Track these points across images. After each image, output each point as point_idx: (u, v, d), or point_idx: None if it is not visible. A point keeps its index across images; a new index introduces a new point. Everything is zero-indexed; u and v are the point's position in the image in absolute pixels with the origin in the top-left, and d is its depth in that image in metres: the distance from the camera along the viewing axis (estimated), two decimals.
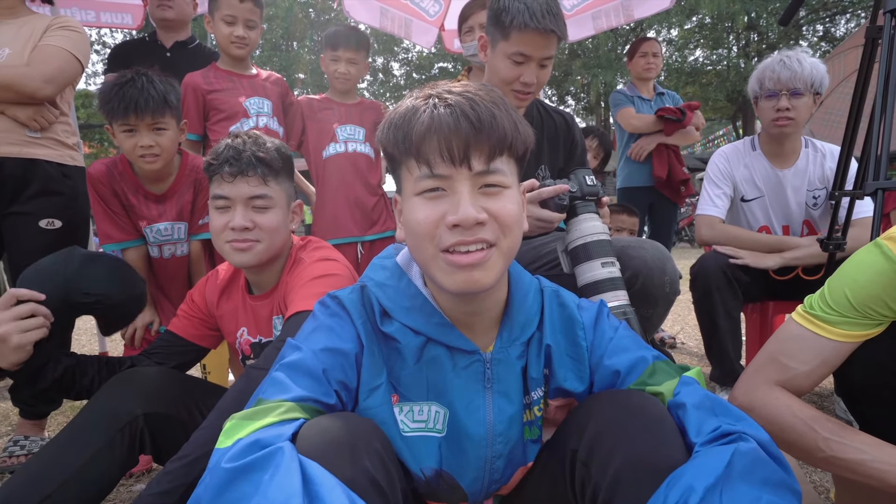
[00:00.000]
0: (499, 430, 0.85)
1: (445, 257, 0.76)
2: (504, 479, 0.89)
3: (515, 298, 0.88)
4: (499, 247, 0.77)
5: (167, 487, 0.98)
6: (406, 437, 0.83)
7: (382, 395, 0.83)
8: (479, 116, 0.75)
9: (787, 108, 1.96)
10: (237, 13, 2.10)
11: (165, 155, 1.70)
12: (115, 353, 3.06)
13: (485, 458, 0.85)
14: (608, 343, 0.89)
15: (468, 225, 0.74)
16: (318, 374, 0.78)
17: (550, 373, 0.89)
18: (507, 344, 0.87)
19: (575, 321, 0.90)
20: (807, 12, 15.70)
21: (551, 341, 0.89)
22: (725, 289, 1.97)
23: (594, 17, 3.38)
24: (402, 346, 0.83)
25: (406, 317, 0.84)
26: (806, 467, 1.61)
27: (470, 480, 0.86)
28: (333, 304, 0.86)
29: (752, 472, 0.65)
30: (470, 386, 0.85)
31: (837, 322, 0.95)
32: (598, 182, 1.34)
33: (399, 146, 0.79)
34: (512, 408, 0.86)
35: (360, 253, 2.34)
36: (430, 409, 0.84)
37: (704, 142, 18.84)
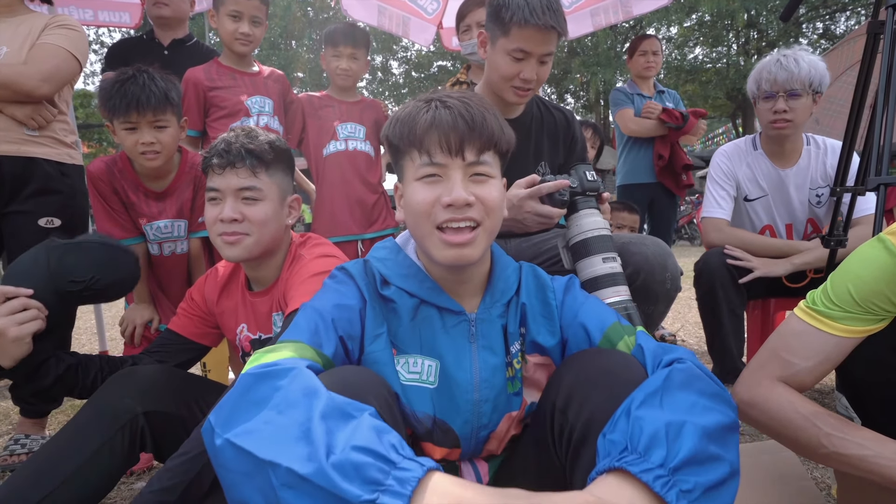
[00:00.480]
0: (484, 377, 0.97)
1: (440, 235, 0.91)
2: (491, 423, 0.99)
3: (496, 269, 1.04)
4: (483, 226, 0.92)
5: (168, 484, 0.98)
6: (404, 385, 0.95)
7: (384, 342, 0.95)
8: (472, 117, 0.91)
9: (785, 110, 1.94)
10: (243, 9, 2.09)
11: (166, 152, 1.70)
12: (115, 352, 3.06)
13: (472, 401, 0.96)
14: (579, 306, 1.02)
15: (459, 205, 0.89)
16: (328, 321, 0.91)
17: (526, 329, 1.02)
18: (490, 305, 1.01)
19: (546, 285, 1.05)
20: (807, 9, 15.68)
21: (526, 301, 1.03)
22: (730, 286, 1.96)
23: (593, 14, 3.37)
24: (398, 307, 0.97)
25: (402, 282, 0.98)
26: (807, 463, 1.61)
27: (460, 423, 0.96)
28: (341, 273, 1.01)
29: (689, 384, 0.76)
30: (458, 341, 0.98)
31: (840, 317, 0.95)
32: (598, 178, 1.34)
33: (404, 139, 0.94)
34: (495, 359, 0.99)
35: (361, 251, 2.34)
36: (423, 361, 0.96)
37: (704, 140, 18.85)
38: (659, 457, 0.66)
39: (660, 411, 0.71)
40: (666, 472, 0.65)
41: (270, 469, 0.62)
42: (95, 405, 1.19)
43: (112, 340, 3.29)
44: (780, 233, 2.16)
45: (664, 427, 0.68)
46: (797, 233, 2.15)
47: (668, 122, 3.09)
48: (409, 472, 0.61)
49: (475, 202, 0.90)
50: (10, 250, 1.80)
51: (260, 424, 0.66)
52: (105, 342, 2.90)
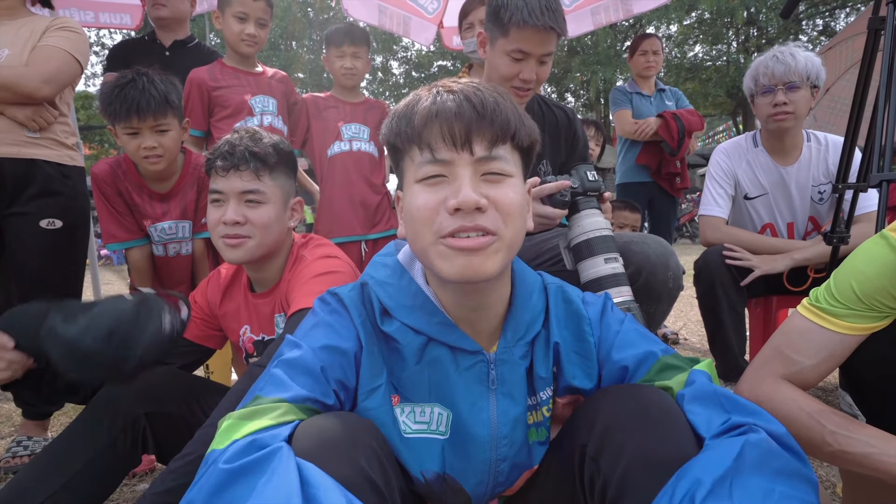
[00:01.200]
0: (503, 433, 0.83)
1: (444, 241, 0.74)
2: (509, 482, 0.88)
3: (519, 296, 0.86)
4: (500, 236, 0.75)
5: (170, 486, 0.98)
6: (407, 439, 0.81)
7: (382, 396, 0.81)
8: (482, 101, 0.75)
9: (785, 102, 1.95)
10: (249, 11, 2.10)
11: (169, 155, 1.70)
12: None
13: (489, 461, 0.84)
14: (614, 337, 0.87)
15: (469, 208, 0.72)
16: (317, 373, 0.77)
17: (559, 371, 0.88)
18: (512, 343, 0.85)
19: (581, 317, 0.89)
20: (806, 6, 15.66)
21: (559, 338, 0.87)
22: (729, 284, 1.96)
23: (593, 13, 3.37)
24: (402, 347, 0.81)
25: (407, 316, 0.82)
26: (812, 462, 1.61)
27: (474, 484, 0.84)
28: (333, 301, 0.85)
29: (764, 463, 0.64)
30: (473, 387, 0.83)
31: (844, 315, 0.94)
32: (599, 177, 1.34)
33: (402, 134, 0.78)
34: (516, 409, 0.84)
35: (364, 251, 2.34)
36: (432, 410, 0.82)
37: (704, 137, 18.84)
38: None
39: (729, 501, 0.60)
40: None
41: None
42: (98, 407, 1.19)
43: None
44: (781, 231, 2.15)
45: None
46: (798, 231, 2.14)
47: (665, 139, 3.10)
48: None
49: (488, 206, 0.73)
50: (11, 252, 1.80)
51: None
52: None
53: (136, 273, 1.86)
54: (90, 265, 2.22)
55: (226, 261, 1.34)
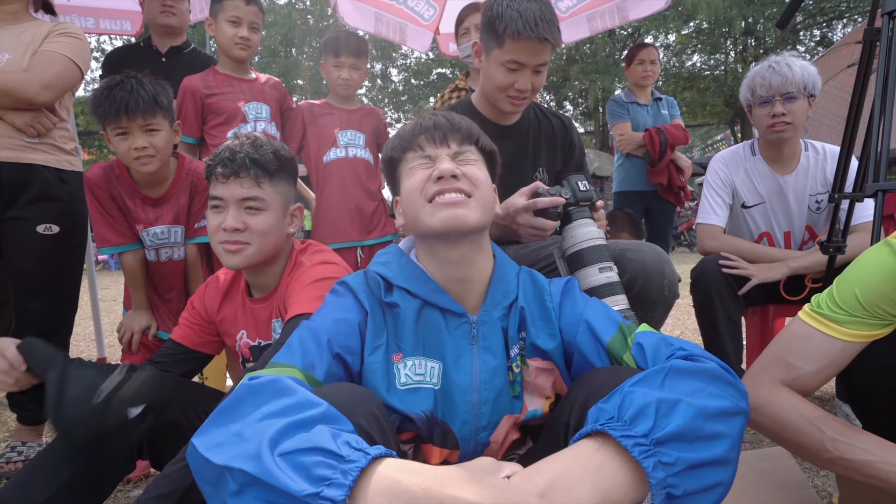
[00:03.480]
0: (483, 379, 0.99)
1: (434, 201, 0.97)
2: (490, 425, 0.99)
3: (498, 273, 1.06)
4: (474, 196, 0.98)
5: (165, 491, 0.98)
6: (405, 391, 0.96)
7: (383, 353, 0.97)
8: (453, 119, 1.06)
9: (784, 113, 1.96)
10: (242, 15, 2.11)
11: (160, 156, 1.70)
12: (113, 358, 3.05)
13: (471, 402, 0.98)
14: (581, 308, 1.02)
15: (447, 175, 0.97)
16: (322, 342, 0.93)
17: (526, 333, 1.03)
18: (491, 308, 1.02)
19: (543, 288, 1.07)
20: (803, 17, 15.75)
21: (524, 304, 1.04)
22: (726, 292, 1.96)
23: (589, 19, 3.38)
24: (402, 310, 0.99)
25: (405, 282, 1.00)
26: (808, 471, 1.61)
27: (459, 424, 0.98)
28: (341, 287, 1.04)
29: (696, 373, 0.75)
30: (459, 343, 1.00)
31: (846, 321, 0.94)
32: (591, 187, 1.34)
33: (397, 147, 1.06)
34: (495, 361, 1.00)
35: (360, 257, 2.34)
36: (426, 363, 0.98)
37: (703, 146, 18.90)
38: (644, 428, 0.67)
39: (656, 391, 0.71)
40: (647, 442, 0.66)
41: (228, 474, 0.63)
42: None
43: (110, 347, 3.29)
44: (778, 240, 2.16)
45: (655, 402, 0.69)
46: (795, 240, 2.15)
47: (649, 150, 3.15)
48: (353, 462, 0.61)
49: (461, 176, 0.98)
50: (8, 256, 1.79)
51: (226, 437, 0.67)
52: (103, 349, 2.89)
53: (129, 278, 1.86)
54: (87, 269, 2.21)
55: (225, 266, 1.34)
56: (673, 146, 3.14)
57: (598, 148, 17.08)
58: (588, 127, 20.48)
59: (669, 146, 3.12)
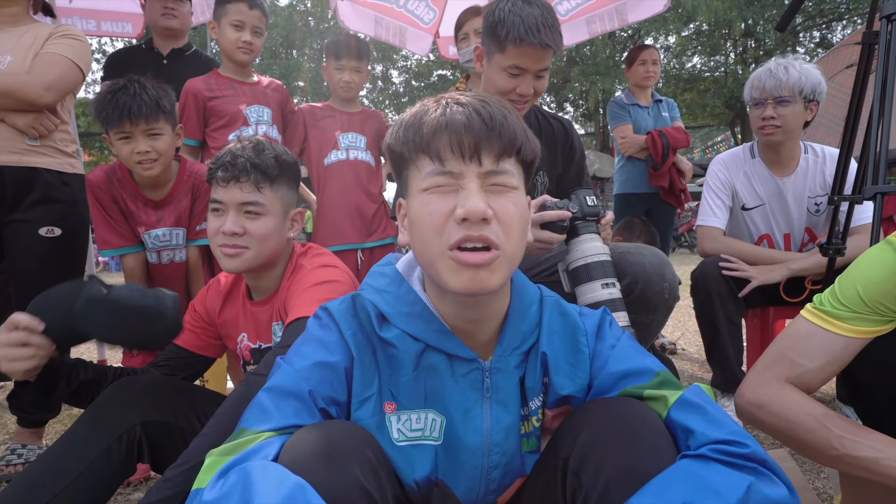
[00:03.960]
0: (496, 441, 0.84)
1: (454, 255, 0.75)
2: (500, 489, 0.88)
3: (517, 308, 0.87)
4: (503, 250, 0.76)
5: (166, 495, 0.98)
6: (399, 447, 0.82)
7: (374, 405, 0.82)
8: (490, 115, 0.76)
9: (773, 116, 1.96)
10: (245, 19, 2.12)
11: (163, 160, 1.71)
12: (114, 360, 3.05)
13: (481, 468, 0.84)
14: (610, 350, 0.87)
15: (476, 219, 0.73)
16: (304, 396, 0.77)
17: (549, 381, 0.88)
18: (507, 353, 0.86)
19: (577, 328, 0.89)
20: (803, 19, 15.76)
21: (547, 349, 0.87)
22: (726, 294, 1.96)
23: (588, 22, 3.39)
24: (400, 353, 0.82)
25: (405, 323, 0.83)
26: (809, 473, 1.61)
27: (465, 490, 0.85)
28: (324, 315, 0.86)
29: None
30: (468, 394, 0.84)
31: (848, 318, 0.95)
32: (599, 202, 1.34)
33: (409, 143, 0.79)
34: (510, 417, 0.85)
35: (361, 260, 2.34)
36: (426, 416, 0.83)
37: (703, 147, 18.91)
38: None
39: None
40: None
41: None
42: (93, 415, 1.18)
43: (111, 349, 3.29)
44: (778, 242, 2.16)
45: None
46: (795, 242, 2.15)
47: (651, 153, 3.15)
48: None
49: (492, 219, 0.75)
50: (10, 259, 1.80)
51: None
52: (104, 351, 2.89)
53: (130, 279, 1.87)
54: (88, 271, 2.22)
55: (224, 270, 1.35)
56: (675, 149, 3.15)
57: (598, 149, 17.08)
58: (588, 128, 20.49)
59: (671, 149, 3.13)
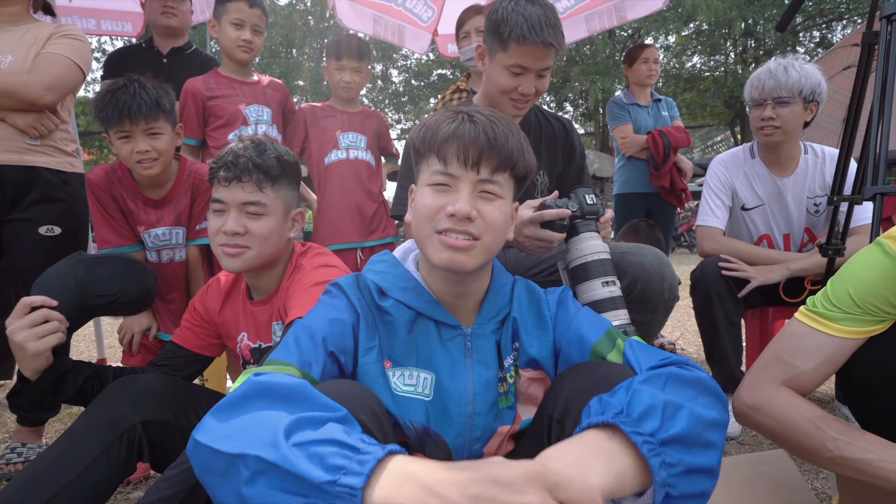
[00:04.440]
0: (477, 391, 0.99)
1: (439, 237, 0.92)
2: (483, 437, 1.00)
3: (495, 287, 1.05)
4: (482, 241, 0.92)
5: (166, 494, 0.98)
6: (397, 396, 0.96)
7: (375, 355, 0.97)
8: (495, 135, 0.92)
9: (772, 117, 1.96)
10: (245, 18, 2.13)
11: (163, 159, 1.71)
12: (114, 359, 3.05)
13: (465, 414, 0.98)
14: (572, 317, 1.03)
15: (461, 216, 0.90)
16: (318, 340, 0.92)
17: (520, 343, 1.03)
18: (485, 321, 1.02)
19: (541, 298, 1.07)
20: (803, 18, 15.75)
21: (517, 315, 1.04)
22: (726, 294, 1.96)
23: (587, 20, 3.39)
24: (395, 319, 0.98)
25: (400, 294, 0.99)
26: (807, 474, 1.61)
27: (453, 435, 0.98)
28: (334, 289, 1.02)
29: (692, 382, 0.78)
30: (453, 355, 0.99)
31: (840, 319, 0.96)
32: (598, 201, 1.35)
33: (426, 143, 0.96)
34: (489, 373, 1.00)
35: (360, 259, 2.35)
36: (418, 374, 0.97)
37: (703, 147, 18.90)
38: (651, 426, 0.70)
39: (661, 392, 0.74)
40: (654, 441, 0.69)
41: (241, 462, 0.63)
42: (93, 414, 1.19)
43: (110, 348, 3.29)
44: (778, 242, 2.16)
45: (662, 404, 0.72)
46: (794, 242, 2.15)
47: (652, 153, 3.15)
48: (370, 454, 0.62)
49: (476, 218, 0.91)
50: (10, 258, 1.80)
51: (235, 429, 0.68)
52: (103, 350, 2.89)
53: None
54: None
55: (224, 269, 1.35)
56: (676, 149, 3.15)
57: (598, 149, 17.08)
58: (588, 128, 20.47)
59: (672, 149, 3.13)
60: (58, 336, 1.20)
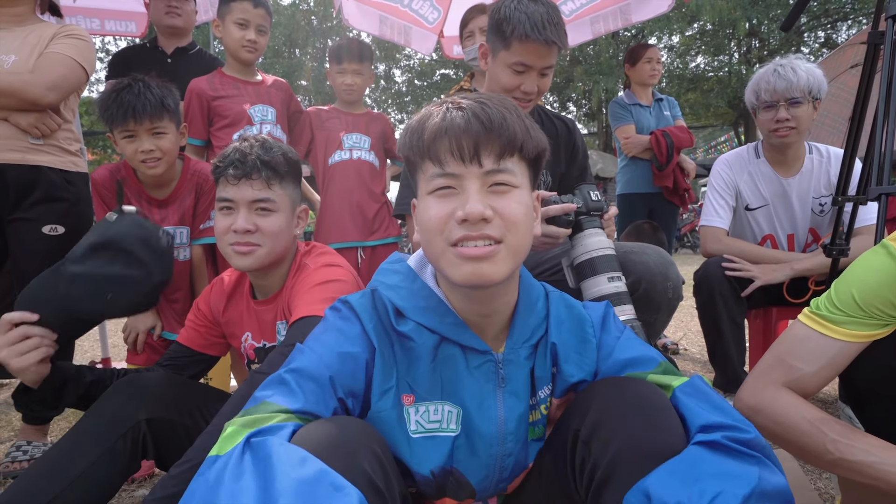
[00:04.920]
0: (510, 429, 0.87)
1: (454, 250, 0.78)
2: (511, 477, 0.91)
3: (525, 302, 0.91)
4: (506, 243, 0.78)
5: (171, 492, 0.98)
6: (415, 440, 0.85)
7: (393, 397, 0.85)
8: (489, 117, 0.78)
9: (787, 118, 1.96)
10: (250, 17, 2.13)
11: (167, 158, 1.72)
12: (118, 358, 3.06)
13: (496, 455, 0.87)
14: (616, 341, 0.92)
15: (474, 220, 0.76)
16: (325, 383, 0.80)
17: (558, 370, 0.91)
18: (518, 345, 0.89)
19: (584, 319, 0.93)
20: (808, 18, 15.70)
21: (557, 339, 0.91)
22: (729, 295, 1.96)
23: (592, 22, 3.39)
24: (417, 345, 0.85)
25: (421, 316, 0.86)
26: (810, 474, 1.60)
27: (480, 478, 0.88)
28: (344, 308, 0.88)
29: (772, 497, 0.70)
30: (483, 385, 0.87)
31: (844, 322, 0.95)
32: (603, 197, 1.35)
33: (414, 148, 0.83)
34: (521, 406, 0.88)
35: (361, 258, 2.35)
36: (443, 408, 0.85)
37: (706, 147, 18.86)
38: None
39: None
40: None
41: None
42: (98, 412, 1.19)
43: (114, 347, 3.30)
44: (782, 242, 2.16)
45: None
46: (798, 242, 2.15)
47: (656, 154, 3.14)
48: None
49: (493, 217, 0.77)
50: (14, 258, 1.80)
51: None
52: (107, 349, 2.90)
53: None
54: None
55: (235, 268, 1.35)
56: (679, 149, 3.14)
57: (601, 149, 17.06)
58: (591, 128, 20.44)
59: (676, 149, 3.12)
60: (42, 351, 1.17)
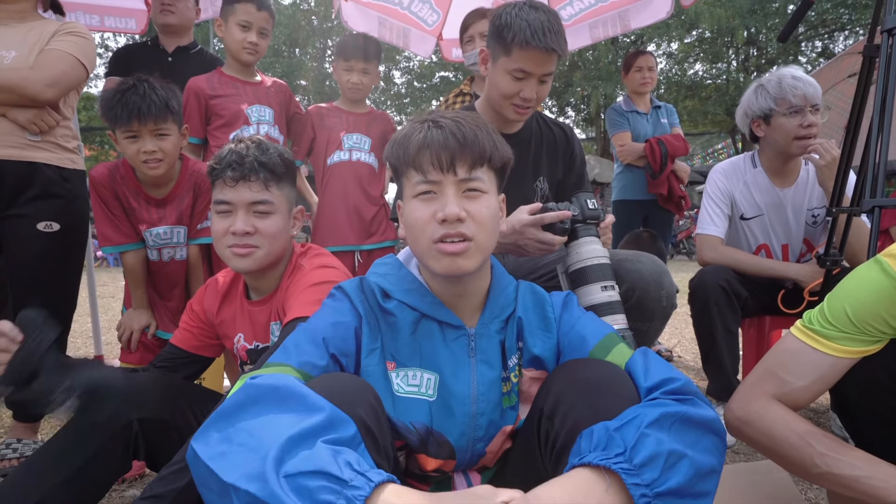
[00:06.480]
0: (481, 391, 1.00)
1: (437, 247, 0.93)
2: (487, 437, 1.01)
3: (496, 287, 1.06)
4: (476, 240, 0.94)
5: (160, 492, 0.98)
6: (399, 397, 0.98)
7: (377, 357, 0.98)
8: (464, 135, 0.95)
9: (814, 123, 1.94)
10: (253, 20, 2.13)
11: (168, 160, 1.71)
12: (111, 356, 3.05)
13: (469, 414, 0.99)
14: (575, 320, 1.05)
15: (452, 220, 0.92)
16: (319, 342, 0.94)
17: (524, 343, 1.05)
18: (489, 321, 1.03)
19: (545, 300, 1.08)
20: (805, 28, 15.81)
21: (522, 315, 1.05)
22: (724, 303, 1.97)
23: (591, 27, 3.40)
24: (398, 320, 0.99)
25: (404, 296, 1.01)
26: (801, 484, 1.61)
27: (457, 435, 0.99)
28: (338, 292, 1.04)
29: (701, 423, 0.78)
30: (457, 355, 1.00)
31: (836, 337, 0.95)
32: (599, 205, 1.35)
33: (400, 158, 0.99)
34: (492, 373, 1.01)
35: (358, 261, 2.34)
36: (422, 374, 0.99)
37: (704, 154, 18.94)
38: (650, 476, 0.70)
39: (667, 437, 0.74)
40: (650, 493, 0.70)
41: (233, 492, 0.66)
42: (89, 411, 1.18)
43: (108, 345, 3.29)
44: (776, 252, 2.17)
45: (666, 454, 0.72)
46: (793, 252, 2.16)
47: (650, 161, 3.16)
48: (359, 490, 0.64)
49: (466, 217, 0.93)
50: (9, 254, 1.80)
51: (231, 445, 0.70)
52: (101, 346, 2.89)
53: (130, 277, 1.87)
54: (86, 266, 2.22)
55: (233, 270, 1.35)
56: (673, 157, 3.16)
57: (599, 154, 17.11)
58: (589, 133, 20.51)
59: (670, 157, 3.14)
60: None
